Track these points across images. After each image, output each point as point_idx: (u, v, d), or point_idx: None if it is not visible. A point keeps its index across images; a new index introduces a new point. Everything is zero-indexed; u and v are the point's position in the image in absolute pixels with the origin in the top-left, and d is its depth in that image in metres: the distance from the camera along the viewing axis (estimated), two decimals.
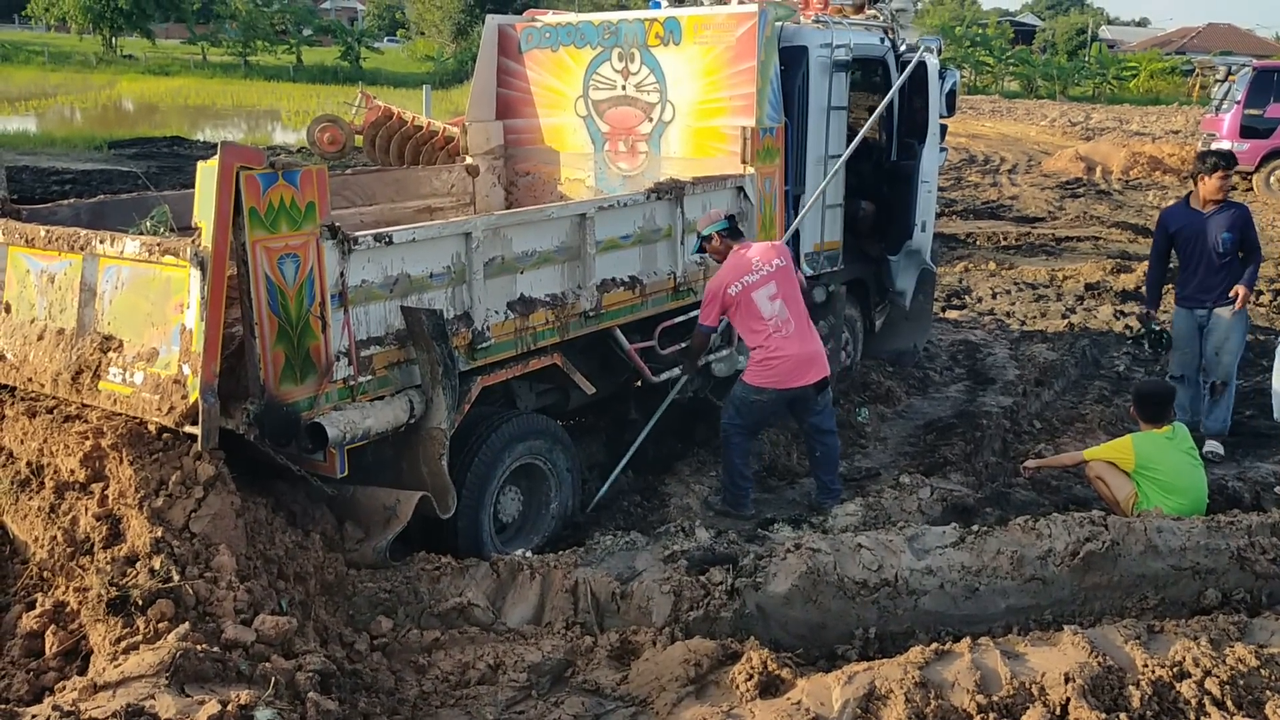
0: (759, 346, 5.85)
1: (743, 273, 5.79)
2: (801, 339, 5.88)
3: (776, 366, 5.83)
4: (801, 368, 5.87)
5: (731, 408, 6.03)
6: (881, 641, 4.27)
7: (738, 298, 5.78)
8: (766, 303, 5.80)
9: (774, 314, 5.80)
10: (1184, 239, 7.01)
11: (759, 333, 5.83)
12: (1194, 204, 7.01)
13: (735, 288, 5.77)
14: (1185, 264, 7.04)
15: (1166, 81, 56.36)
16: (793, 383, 5.87)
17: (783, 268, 5.88)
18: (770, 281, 5.81)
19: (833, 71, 7.14)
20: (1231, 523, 4.69)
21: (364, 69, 54.43)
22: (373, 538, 4.56)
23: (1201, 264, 6.95)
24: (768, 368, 5.85)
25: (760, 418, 6.11)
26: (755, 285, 5.78)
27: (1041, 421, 7.66)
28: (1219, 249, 6.87)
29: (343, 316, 4.42)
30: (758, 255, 5.87)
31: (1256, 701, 3.59)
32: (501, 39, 7.58)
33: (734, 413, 6.01)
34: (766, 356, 5.84)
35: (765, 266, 5.83)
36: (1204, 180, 6.88)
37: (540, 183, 7.68)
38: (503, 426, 5.20)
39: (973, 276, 12.68)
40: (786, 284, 5.88)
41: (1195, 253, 6.97)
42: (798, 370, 5.86)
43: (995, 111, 40.80)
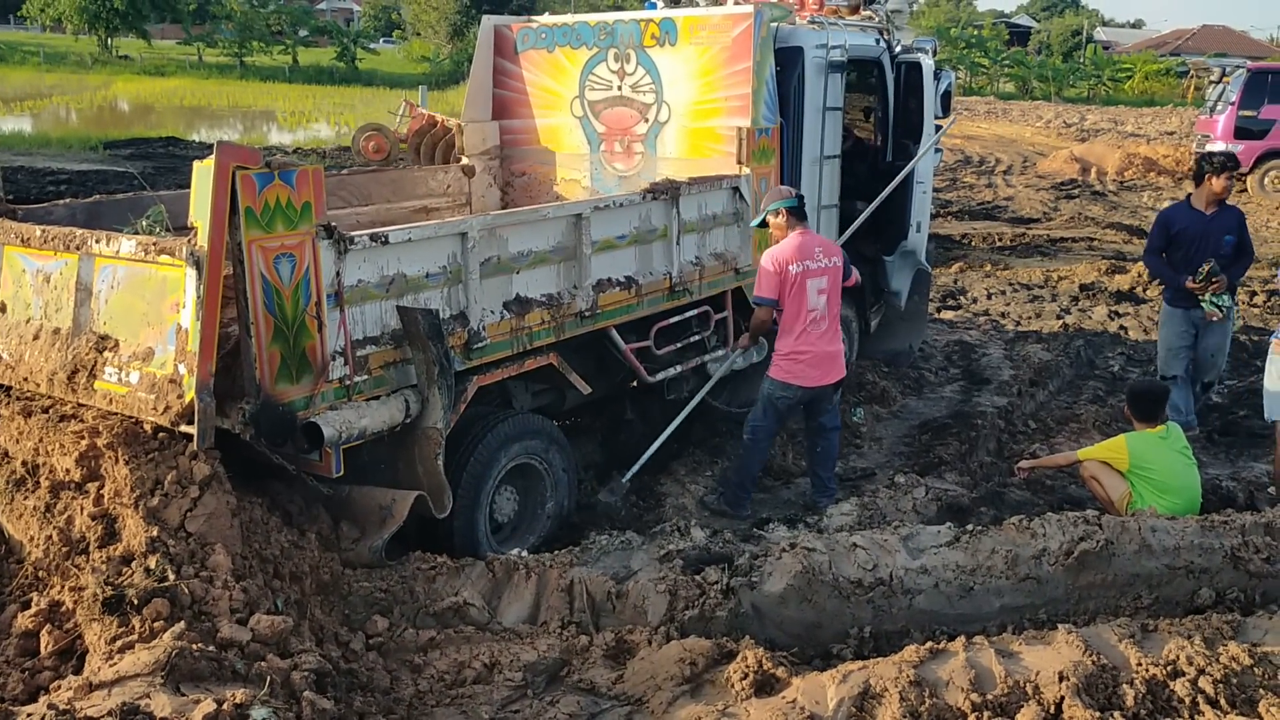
0: (789, 335, 5.87)
1: (806, 256, 5.81)
2: (829, 338, 5.94)
3: (802, 361, 5.86)
4: (825, 366, 5.92)
5: (760, 409, 6.04)
6: (876, 641, 4.28)
7: (796, 277, 5.79)
8: (815, 295, 5.83)
9: (816, 307, 5.84)
10: (1187, 240, 6.99)
11: (796, 320, 5.84)
12: (1196, 205, 7.01)
13: (797, 267, 5.78)
14: (1185, 265, 7.02)
15: (1161, 83, 56.47)
16: (817, 381, 5.93)
17: (838, 267, 5.95)
18: (825, 275, 5.86)
19: (828, 72, 7.16)
20: (1225, 522, 4.70)
21: (360, 70, 54.46)
22: (368, 537, 4.55)
23: (1200, 263, 6.93)
24: (794, 362, 5.87)
25: (784, 417, 6.15)
26: (814, 273, 5.82)
27: (1036, 422, 7.67)
28: (1221, 251, 6.92)
29: (339, 316, 4.42)
30: (821, 246, 5.94)
31: (1250, 700, 3.60)
32: (497, 40, 7.59)
33: (762, 413, 6.02)
34: (793, 349, 5.86)
35: (825, 260, 5.87)
36: (1211, 180, 6.89)
37: (536, 183, 7.69)
38: (499, 426, 5.20)
39: (968, 277, 12.70)
40: (835, 284, 5.94)
41: (1197, 254, 6.96)
42: (822, 367, 5.91)
43: (991, 113, 40.86)
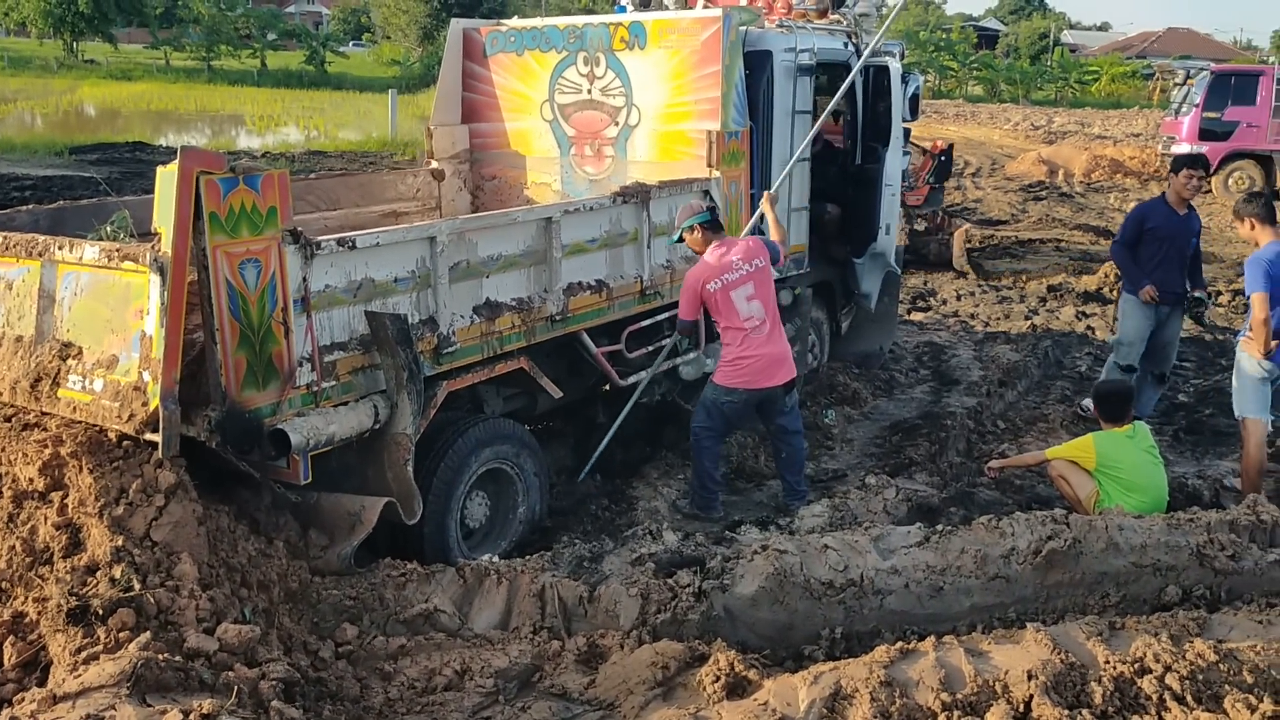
0: (730, 345, 5.87)
1: (723, 270, 5.79)
2: (772, 340, 5.90)
3: (747, 366, 5.85)
4: (771, 368, 5.89)
5: (702, 411, 6.04)
6: (848, 641, 4.29)
7: (715, 295, 5.78)
8: (744, 303, 5.81)
9: (750, 314, 5.82)
10: (1160, 236, 7.16)
11: (732, 331, 5.84)
12: (1170, 203, 7.15)
13: (714, 284, 5.77)
14: (1153, 261, 7.17)
15: (1127, 85, 57.11)
16: (762, 383, 5.89)
17: (761, 268, 5.90)
18: (749, 281, 5.83)
19: (797, 76, 7.18)
20: (1191, 520, 4.74)
21: (329, 73, 54.17)
22: (337, 544, 4.53)
23: (1172, 262, 7.17)
24: (738, 368, 5.87)
25: (730, 420, 6.13)
26: (735, 284, 5.79)
27: (1005, 421, 7.73)
28: (1189, 251, 7.18)
29: (305, 322, 4.39)
30: (739, 253, 5.87)
31: (1215, 696, 3.63)
32: (466, 43, 7.57)
33: (704, 416, 6.02)
34: (738, 356, 5.85)
35: (745, 265, 5.84)
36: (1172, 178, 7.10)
37: (506, 186, 7.67)
38: (469, 431, 5.18)
39: (937, 279, 12.78)
40: (764, 284, 5.90)
41: (1167, 251, 7.15)
42: (767, 371, 5.88)
43: (959, 115, 41.17)
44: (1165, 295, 7.18)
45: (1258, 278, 5.91)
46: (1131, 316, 7.34)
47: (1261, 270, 5.92)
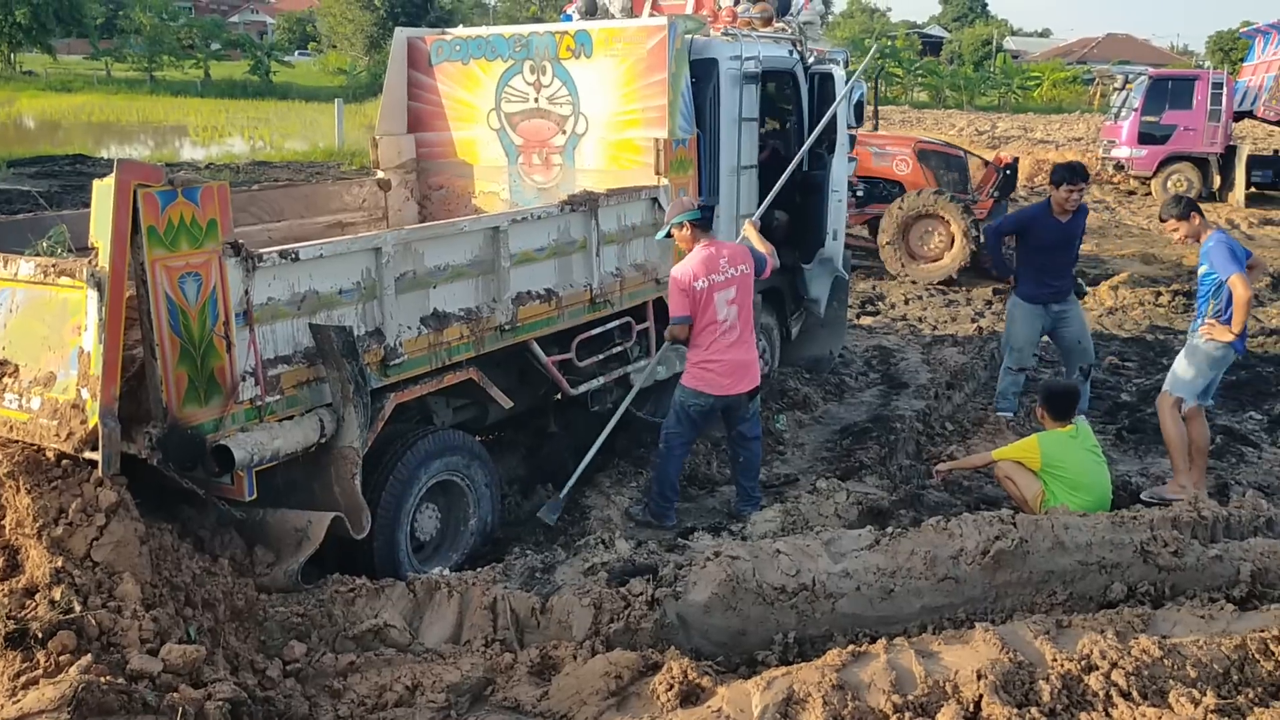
0: (700, 346, 5.87)
1: (711, 269, 5.80)
2: (741, 346, 5.94)
3: (714, 369, 5.86)
4: (737, 374, 5.92)
5: (673, 416, 6.04)
6: (801, 646, 4.31)
7: (703, 293, 5.79)
8: (724, 305, 5.83)
9: (726, 318, 5.84)
10: (1045, 246, 7.36)
11: (706, 332, 5.85)
12: (1055, 212, 7.31)
13: (702, 283, 5.78)
14: (1042, 266, 7.41)
15: (1068, 90, 58.12)
16: (729, 389, 5.92)
17: (746, 275, 5.93)
18: (733, 285, 5.85)
19: (743, 83, 7.22)
20: (1135, 518, 4.82)
21: (274, 83, 53.58)
22: (284, 561, 4.46)
23: (1060, 267, 7.42)
24: (706, 370, 5.88)
25: (698, 424, 6.14)
26: (721, 285, 5.81)
27: (953, 423, 7.82)
28: (1074, 253, 7.54)
29: (248, 335, 4.33)
30: (727, 256, 5.89)
31: (1160, 691, 3.70)
32: (411, 52, 7.52)
33: (675, 420, 6.02)
34: (705, 359, 5.86)
35: (732, 269, 5.86)
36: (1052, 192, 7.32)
37: (454, 196, 7.63)
38: (418, 443, 5.13)
39: (885, 283, 12.90)
40: (745, 291, 5.93)
41: (1053, 258, 7.39)
42: (733, 376, 5.90)
43: (905, 121, 41.59)
44: (1056, 296, 7.43)
45: (1230, 260, 6.02)
46: (1020, 321, 7.55)
47: (1232, 251, 6.06)
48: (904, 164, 13.68)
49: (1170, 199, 6.50)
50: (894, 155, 13.71)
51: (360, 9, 57.72)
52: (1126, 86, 21.81)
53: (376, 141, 7.59)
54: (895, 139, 14.92)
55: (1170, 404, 6.36)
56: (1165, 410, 6.39)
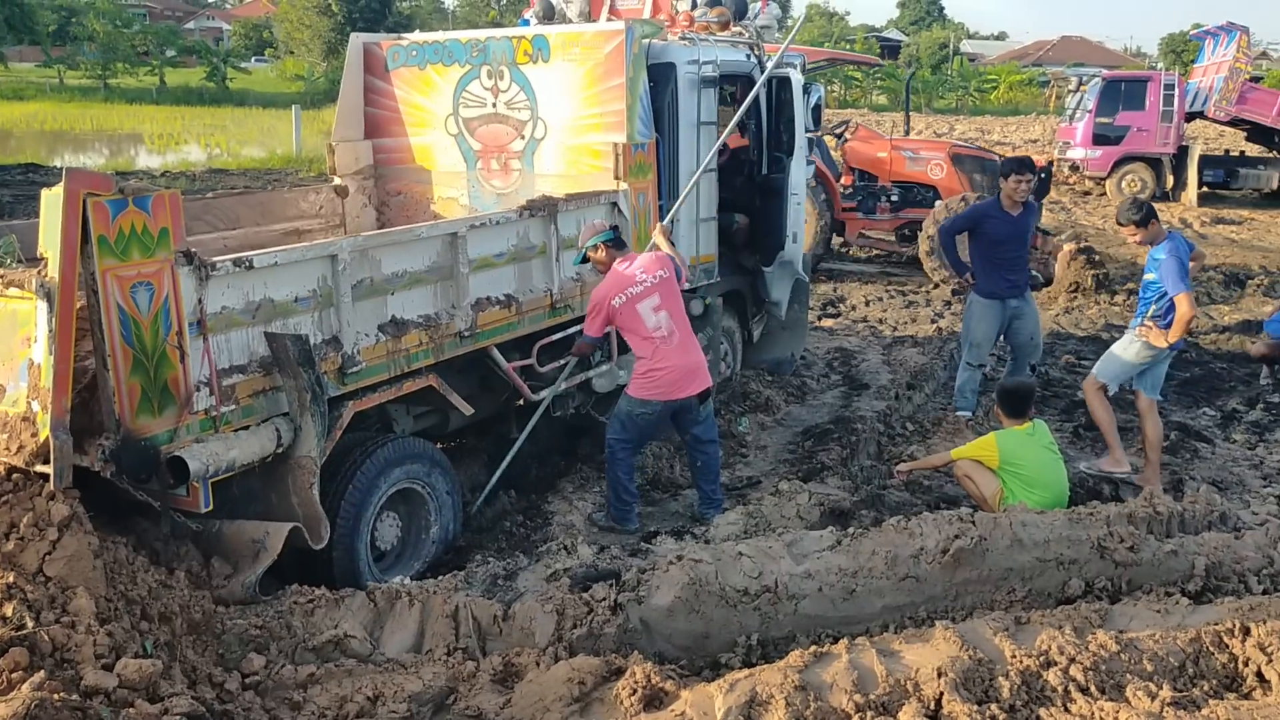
0: (643, 357, 5.88)
1: (626, 285, 5.81)
2: (685, 350, 5.92)
3: (660, 377, 5.86)
4: (685, 379, 5.91)
5: (617, 422, 6.03)
6: (764, 647, 4.32)
7: (621, 309, 5.79)
8: (650, 314, 5.82)
9: (658, 325, 5.83)
10: (997, 240, 7.51)
11: (643, 343, 5.86)
12: (1006, 207, 7.44)
13: (619, 299, 5.78)
14: (996, 261, 7.55)
15: (1024, 93, 58.79)
16: (677, 394, 5.91)
17: (666, 279, 5.92)
18: (654, 293, 5.84)
19: (701, 87, 7.24)
20: (1091, 514, 4.87)
21: (231, 90, 53.03)
22: (241, 573, 4.41)
23: (1015, 261, 7.58)
24: (652, 379, 5.88)
25: (646, 431, 6.13)
26: (639, 297, 5.80)
27: (914, 424, 7.88)
28: (1027, 246, 7.74)
29: (202, 345, 4.28)
30: (641, 267, 5.89)
31: (1118, 685, 3.73)
32: (367, 58, 7.47)
33: (619, 427, 6.01)
34: (650, 368, 5.86)
35: (648, 278, 5.86)
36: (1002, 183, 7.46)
37: (412, 202, 7.59)
38: (378, 452, 5.09)
39: (846, 285, 12.98)
40: (669, 295, 5.92)
41: (1007, 252, 7.53)
42: (681, 381, 5.90)
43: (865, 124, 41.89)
44: (1013, 291, 7.57)
45: (1179, 278, 6.18)
46: (980, 318, 7.65)
47: (1181, 264, 6.21)
48: (939, 168, 13.79)
49: (1130, 204, 6.61)
50: (928, 160, 13.82)
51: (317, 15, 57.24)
52: (1081, 88, 22.10)
53: (333, 148, 7.53)
54: (929, 144, 15.11)
55: (1095, 388, 6.65)
56: (1091, 394, 6.69)
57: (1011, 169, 7.42)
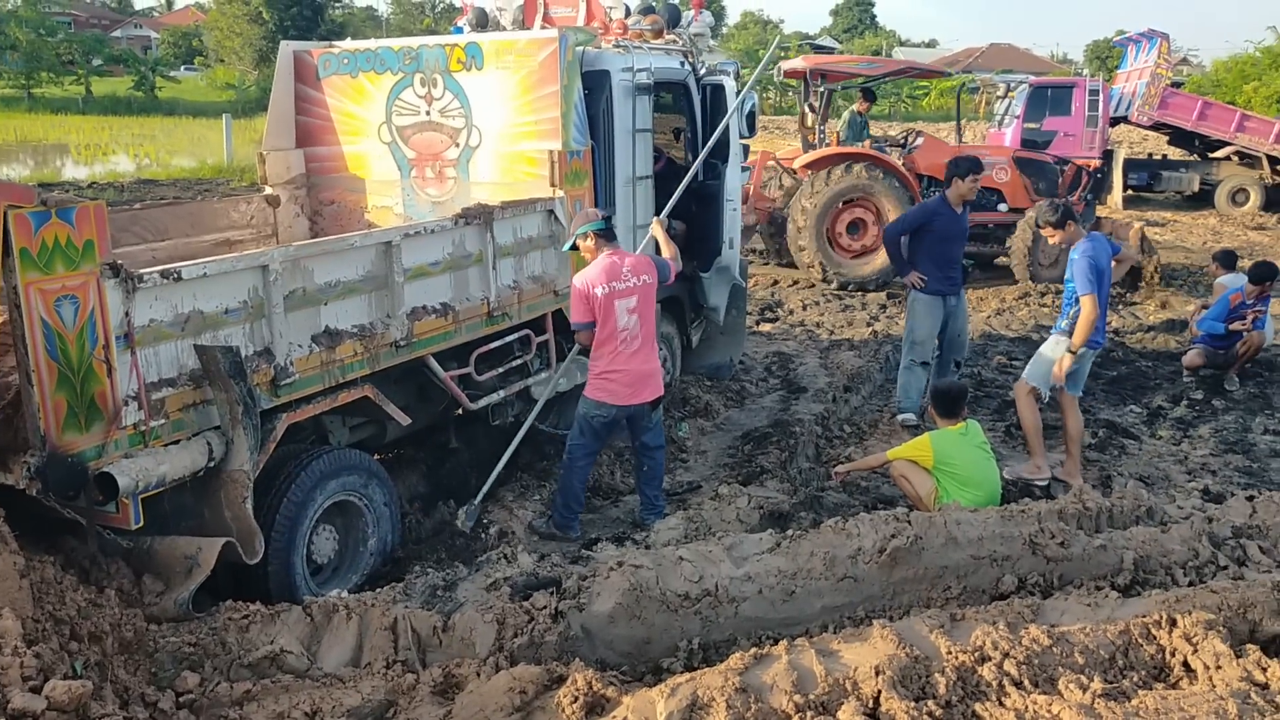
0: (602, 356, 5.88)
1: (613, 278, 5.80)
2: (644, 357, 5.95)
3: (615, 380, 5.87)
4: (640, 384, 5.93)
5: (576, 428, 6.03)
6: (705, 651, 4.33)
7: (603, 300, 5.78)
8: (625, 314, 5.83)
9: (626, 327, 5.84)
10: (944, 237, 7.73)
11: (607, 342, 5.85)
12: (951, 204, 7.65)
13: (602, 289, 5.77)
14: (941, 258, 7.74)
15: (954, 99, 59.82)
16: (632, 399, 5.93)
17: (649, 284, 5.95)
18: (634, 295, 5.86)
19: (636, 95, 7.26)
20: (1023, 511, 4.96)
21: (160, 99, 52.10)
22: (174, 590, 4.33)
23: (955, 258, 7.84)
24: (608, 381, 5.88)
25: (604, 435, 6.15)
26: (621, 294, 5.81)
27: (851, 426, 7.97)
28: (965, 244, 8.00)
29: (130, 358, 4.20)
30: (630, 265, 5.90)
31: (1050, 679, 3.80)
32: (298, 65, 7.39)
33: (579, 432, 6.01)
34: (607, 369, 5.87)
35: (634, 279, 5.87)
36: (958, 183, 7.64)
37: (346, 211, 7.51)
38: (313, 464, 5.03)
39: (783, 290, 13.09)
40: (646, 302, 5.94)
41: (951, 249, 7.77)
42: (636, 386, 5.92)
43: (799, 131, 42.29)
44: (953, 288, 7.79)
45: (1087, 278, 6.34)
46: (924, 316, 7.81)
47: (1093, 266, 6.36)
48: (1003, 172, 14.04)
49: (1047, 206, 6.77)
50: (993, 165, 13.99)
51: (248, 23, 56.53)
52: (1009, 94, 22.49)
53: (264, 157, 7.43)
54: (993, 148, 15.38)
55: (1026, 391, 6.80)
56: (1021, 398, 6.83)
57: (968, 169, 7.59)
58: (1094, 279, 6.39)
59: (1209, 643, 3.87)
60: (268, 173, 7.41)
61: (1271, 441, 7.61)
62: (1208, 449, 7.43)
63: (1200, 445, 7.51)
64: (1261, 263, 9.38)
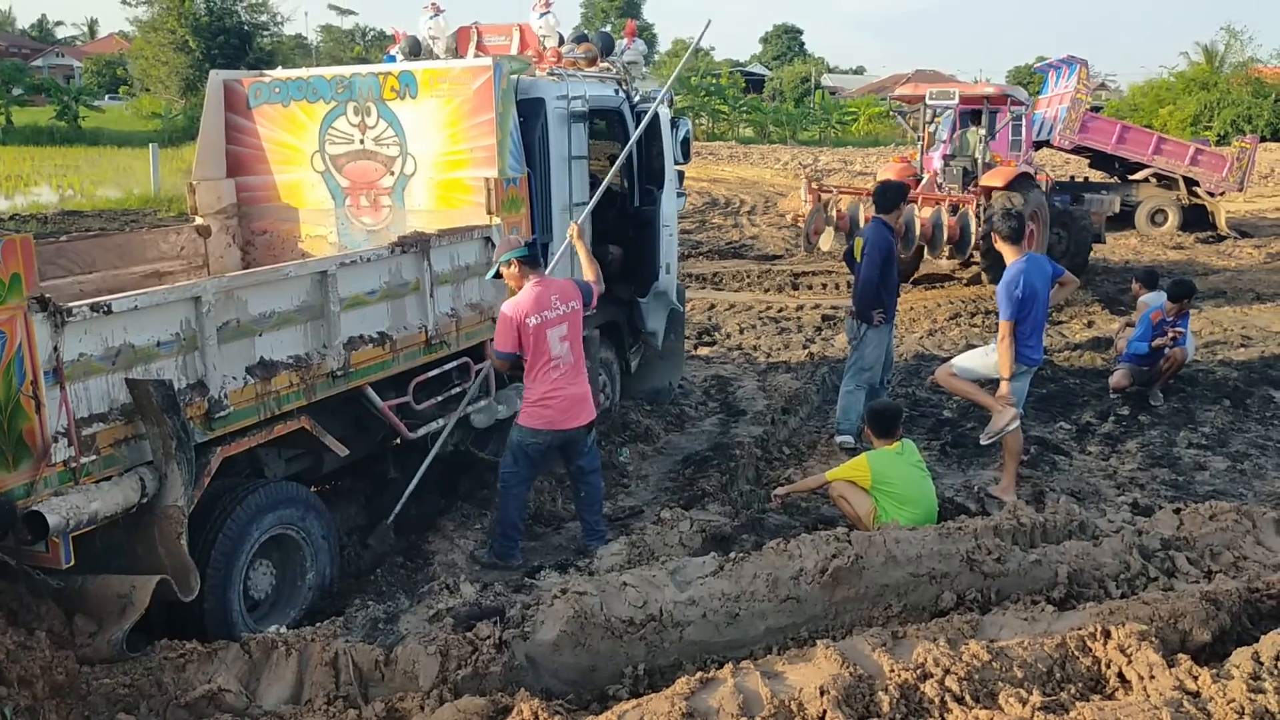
0: (537, 384, 5.86)
1: (543, 307, 5.80)
2: (574, 381, 5.95)
3: (552, 406, 5.86)
4: (574, 409, 5.93)
5: (510, 455, 6.00)
6: (651, 677, 4.33)
7: (533, 330, 5.77)
8: (557, 342, 5.83)
9: (560, 354, 5.84)
10: (893, 262, 7.76)
11: (541, 369, 5.84)
12: (895, 229, 7.81)
13: (534, 320, 5.76)
14: (890, 284, 7.90)
15: (883, 124, 60.88)
16: (567, 424, 5.92)
17: (576, 311, 5.96)
18: (564, 322, 5.86)
19: (571, 122, 7.30)
20: (960, 528, 5.05)
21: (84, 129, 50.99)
22: (107, 630, 4.22)
23: (897, 280, 8.03)
24: (543, 408, 5.87)
25: (537, 462, 6.12)
26: (552, 323, 5.81)
27: (790, 448, 8.04)
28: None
29: (59, 394, 4.10)
30: (558, 293, 5.90)
31: (991, 693, 3.86)
32: (228, 95, 7.31)
33: (511, 460, 5.98)
34: (544, 396, 5.85)
35: (563, 306, 5.87)
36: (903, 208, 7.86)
37: (279, 241, 7.43)
38: (249, 498, 4.94)
39: (720, 314, 13.19)
40: (575, 327, 5.95)
41: (894, 271, 7.94)
42: (570, 411, 5.91)
43: (733, 156, 42.76)
44: (894, 313, 8.00)
45: (1006, 302, 6.50)
46: (876, 344, 7.93)
47: (1010, 295, 6.50)
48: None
49: (1000, 215, 6.93)
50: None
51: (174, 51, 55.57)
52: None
53: (194, 187, 7.32)
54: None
55: (947, 373, 7.18)
56: (943, 379, 7.24)
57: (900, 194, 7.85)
58: (1011, 305, 6.53)
59: (1142, 653, 3.96)
60: (198, 203, 7.31)
61: (1195, 455, 7.82)
62: (1135, 463, 7.62)
63: (1128, 460, 7.70)
64: (1179, 280, 9.68)
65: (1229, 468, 7.58)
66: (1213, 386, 9.54)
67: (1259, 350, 11.00)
